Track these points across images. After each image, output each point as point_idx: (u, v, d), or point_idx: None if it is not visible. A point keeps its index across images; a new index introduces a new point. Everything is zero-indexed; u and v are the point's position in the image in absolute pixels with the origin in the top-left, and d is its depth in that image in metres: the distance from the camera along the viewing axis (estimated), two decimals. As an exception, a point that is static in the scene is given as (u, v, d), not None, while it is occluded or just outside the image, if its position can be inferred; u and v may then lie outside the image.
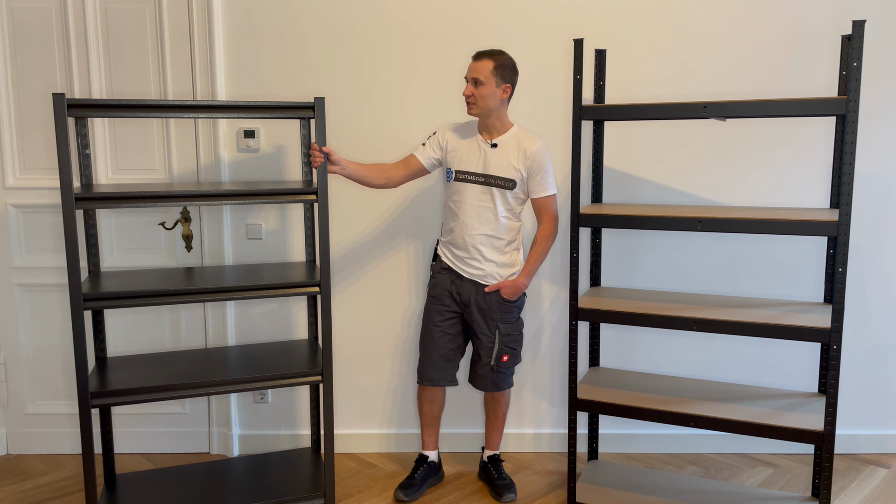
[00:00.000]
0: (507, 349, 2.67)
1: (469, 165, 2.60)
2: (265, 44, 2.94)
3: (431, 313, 2.73)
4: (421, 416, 2.87)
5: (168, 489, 2.62)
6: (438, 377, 2.73)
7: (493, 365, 2.67)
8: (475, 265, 2.64)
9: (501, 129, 2.60)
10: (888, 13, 2.85)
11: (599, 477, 2.77)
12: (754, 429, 2.33)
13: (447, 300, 2.69)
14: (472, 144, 2.62)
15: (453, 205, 2.65)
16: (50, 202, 2.99)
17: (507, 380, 2.74)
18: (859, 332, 3.05)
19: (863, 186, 2.94)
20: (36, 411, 3.13)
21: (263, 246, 3.04)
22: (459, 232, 2.63)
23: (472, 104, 2.54)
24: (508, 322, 2.67)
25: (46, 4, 2.89)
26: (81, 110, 2.27)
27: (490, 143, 2.59)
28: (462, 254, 2.65)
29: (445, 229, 2.72)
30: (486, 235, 2.61)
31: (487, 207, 2.59)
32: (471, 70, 2.53)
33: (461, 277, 2.67)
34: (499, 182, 2.57)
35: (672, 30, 2.90)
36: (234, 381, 2.45)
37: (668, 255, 3.03)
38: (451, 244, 2.68)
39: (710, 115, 2.31)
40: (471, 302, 2.66)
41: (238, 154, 2.99)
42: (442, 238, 2.75)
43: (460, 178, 2.62)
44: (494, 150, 2.58)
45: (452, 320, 2.71)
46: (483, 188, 2.59)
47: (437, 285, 2.71)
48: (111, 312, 3.02)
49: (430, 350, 2.73)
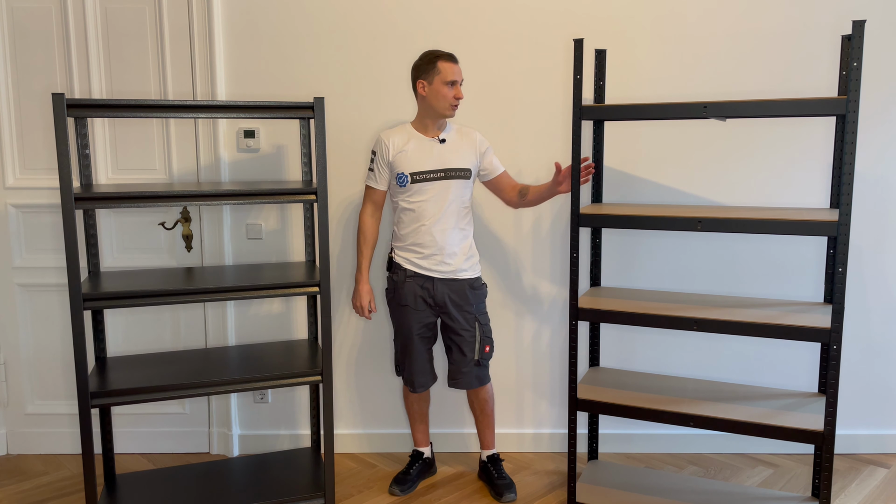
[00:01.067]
0: (487, 339, 2.72)
1: (425, 164, 2.62)
2: (265, 44, 2.94)
3: (408, 321, 2.69)
4: (411, 414, 2.89)
5: (168, 489, 2.62)
6: (427, 381, 2.79)
7: (479, 358, 2.70)
8: (447, 261, 2.64)
9: (442, 125, 2.68)
10: (888, 13, 2.85)
11: (599, 477, 2.77)
12: (754, 429, 2.33)
13: (422, 306, 2.68)
14: (420, 144, 2.63)
15: (413, 206, 2.62)
16: (50, 202, 2.99)
17: (487, 373, 2.77)
18: (859, 332, 3.05)
19: (863, 186, 2.94)
20: (36, 411, 3.13)
21: (263, 246, 3.04)
22: (426, 230, 2.62)
23: (456, 107, 2.62)
24: (483, 312, 2.73)
25: (46, 4, 2.89)
26: (81, 110, 2.27)
27: (438, 139, 2.64)
28: (431, 252, 2.63)
29: (402, 234, 2.67)
30: (455, 228, 2.64)
31: (450, 200, 2.63)
32: (458, 73, 2.60)
33: (431, 279, 2.66)
34: (458, 174, 2.63)
35: (672, 29, 2.90)
36: (234, 381, 2.45)
37: (668, 255, 3.03)
38: (416, 246, 2.64)
39: (710, 115, 2.31)
40: (446, 302, 2.66)
41: (238, 154, 2.99)
42: (399, 244, 2.70)
43: (418, 179, 2.61)
44: (445, 145, 2.65)
45: (429, 324, 2.72)
46: (444, 183, 2.62)
47: (407, 293, 2.67)
48: (111, 312, 3.02)
49: (415, 358, 2.73)
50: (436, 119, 2.64)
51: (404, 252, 2.68)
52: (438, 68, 2.56)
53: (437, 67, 2.56)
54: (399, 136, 2.65)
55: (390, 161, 2.63)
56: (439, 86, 2.56)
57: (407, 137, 2.65)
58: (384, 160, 2.64)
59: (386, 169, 2.65)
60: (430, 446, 2.96)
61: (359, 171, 3.00)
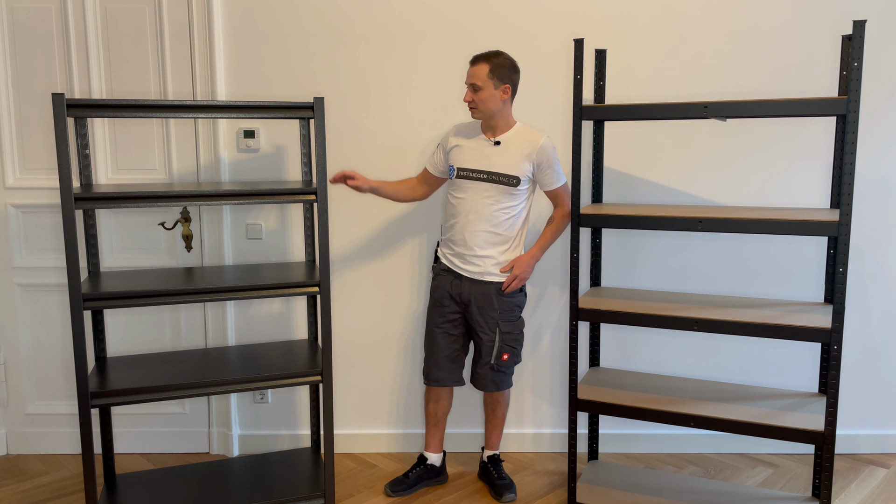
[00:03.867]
0: (508, 348, 2.67)
1: (471, 163, 2.62)
2: (265, 44, 2.94)
3: (433, 315, 2.74)
4: (426, 415, 2.88)
5: (168, 489, 2.62)
6: (444, 377, 2.75)
7: (494, 364, 2.67)
8: (474, 262, 2.64)
9: (505, 127, 2.62)
10: (888, 13, 2.85)
11: (599, 477, 2.77)
12: (755, 429, 2.33)
13: (447, 301, 2.70)
14: (476, 143, 2.64)
15: (454, 201, 2.67)
16: (50, 202, 2.99)
17: (506, 380, 2.74)
18: (860, 332, 3.04)
19: (863, 186, 2.94)
20: (36, 411, 3.13)
21: (263, 246, 3.04)
22: (459, 228, 2.64)
23: (474, 108, 2.58)
24: (509, 320, 2.67)
25: (46, 4, 2.89)
26: (81, 110, 2.27)
27: (493, 140, 2.61)
28: (461, 250, 2.66)
29: (445, 227, 2.73)
30: (486, 232, 2.62)
31: (488, 204, 2.60)
32: (468, 76, 2.57)
33: (460, 277, 2.67)
34: (502, 179, 2.58)
35: (672, 29, 2.90)
36: (234, 381, 2.45)
37: (668, 255, 3.03)
38: (451, 241, 2.69)
39: (710, 115, 2.31)
40: (471, 301, 2.66)
41: (238, 154, 2.99)
42: (441, 237, 2.77)
43: (462, 175, 2.63)
44: (497, 148, 2.60)
45: (454, 321, 2.71)
46: (485, 185, 2.60)
47: (438, 287, 2.73)
48: (111, 312, 3.02)
49: (434, 351, 2.74)
50: (489, 121, 2.62)
51: (443, 246, 2.74)
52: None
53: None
54: (464, 130, 2.70)
55: (447, 151, 2.70)
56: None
57: (468, 133, 2.68)
58: (443, 147, 2.72)
59: (442, 155, 2.72)
60: (443, 455, 2.92)
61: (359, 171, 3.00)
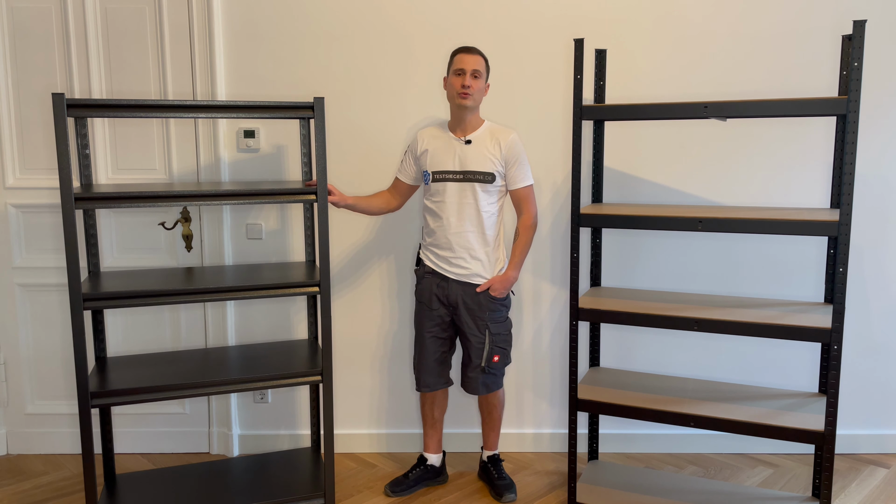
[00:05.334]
0: (498, 349, 2.67)
1: (445, 165, 2.61)
2: (265, 44, 2.94)
3: (422, 319, 2.72)
4: (422, 417, 2.88)
5: (168, 489, 2.62)
6: (434, 381, 2.75)
7: (485, 366, 2.66)
8: (461, 265, 2.63)
9: (475, 125, 2.63)
10: (888, 13, 2.85)
11: (599, 477, 2.77)
12: (754, 429, 2.33)
13: (435, 304, 2.68)
14: (446, 144, 2.63)
15: (434, 206, 2.65)
16: (50, 202, 2.99)
17: (497, 381, 2.73)
18: (860, 332, 3.04)
19: (863, 186, 2.94)
20: (36, 411, 3.13)
21: (263, 246, 3.04)
22: (442, 232, 2.63)
23: (469, 96, 2.55)
24: (497, 321, 2.66)
25: (46, 4, 2.89)
26: (81, 110, 2.26)
27: (464, 139, 2.61)
28: (447, 254, 2.64)
29: (426, 231, 2.71)
30: (471, 233, 2.61)
31: (469, 204, 2.60)
32: (469, 62, 2.55)
33: (447, 279, 2.66)
34: (478, 177, 2.58)
35: (672, 29, 2.90)
36: (234, 381, 2.45)
37: (668, 255, 3.03)
38: (434, 246, 2.67)
39: (710, 115, 2.31)
40: (458, 303, 2.65)
41: (238, 154, 2.99)
42: (423, 241, 2.75)
43: (438, 179, 2.62)
44: (469, 147, 2.60)
45: (442, 324, 2.71)
46: (462, 185, 2.59)
47: (424, 290, 2.71)
48: (111, 312, 3.02)
49: (424, 356, 2.73)
50: (458, 114, 2.61)
51: (426, 249, 2.72)
52: (453, 60, 2.59)
53: (453, 59, 2.59)
54: (431, 134, 2.68)
55: (417, 157, 2.68)
56: (451, 76, 2.58)
57: (436, 136, 2.66)
58: (412, 154, 2.70)
59: (412, 163, 2.70)
60: (443, 455, 2.92)
61: (359, 171, 3.00)
